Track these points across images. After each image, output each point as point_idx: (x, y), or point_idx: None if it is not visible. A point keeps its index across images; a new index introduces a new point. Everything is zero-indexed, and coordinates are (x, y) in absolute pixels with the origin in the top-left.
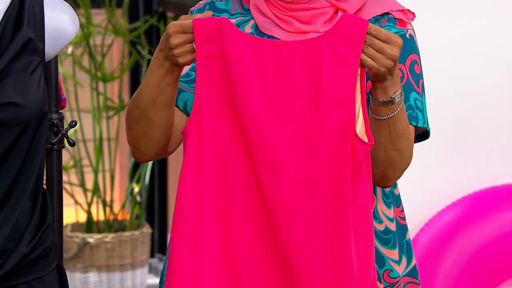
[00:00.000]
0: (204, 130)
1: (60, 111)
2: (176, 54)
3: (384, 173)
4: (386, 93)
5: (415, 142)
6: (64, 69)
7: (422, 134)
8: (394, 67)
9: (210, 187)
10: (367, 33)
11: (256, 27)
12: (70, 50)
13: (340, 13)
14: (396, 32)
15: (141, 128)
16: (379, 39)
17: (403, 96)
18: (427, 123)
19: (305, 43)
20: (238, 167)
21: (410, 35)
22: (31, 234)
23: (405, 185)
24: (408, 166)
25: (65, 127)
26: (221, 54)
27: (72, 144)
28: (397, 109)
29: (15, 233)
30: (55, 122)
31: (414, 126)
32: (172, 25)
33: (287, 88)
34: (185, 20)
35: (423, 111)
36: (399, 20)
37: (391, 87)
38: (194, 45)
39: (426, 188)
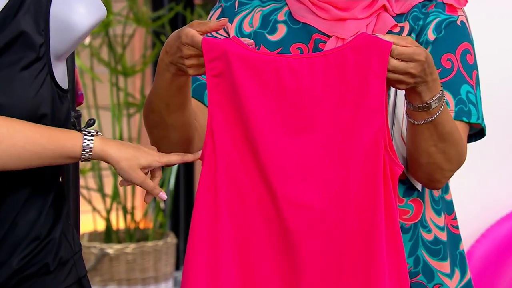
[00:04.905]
0: (218, 152)
1: (77, 108)
2: (188, 65)
3: (431, 176)
4: (420, 98)
5: (470, 141)
6: (81, 61)
7: (479, 132)
8: (425, 75)
9: (225, 214)
10: (390, 55)
11: (289, 14)
12: (87, 41)
13: None
14: (445, 19)
15: (159, 131)
16: (402, 60)
17: (443, 101)
18: (482, 119)
19: (326, 54)
20: (253, 192)
21: (462, 21)
22: (28, 248)
23: (457, 190)
24: (459, 167)
25: (82, 126)
26: (229, 73)
27: None
28: (436, 114)
29: (7, 245)
30: (72, 120)
31: (467, 123)
32: (185, 36)
33: (307, 103)
34: (201, 28)
35: (477, 105)
36: (448, 6)
37: (426, 92)
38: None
39: (482, 194)
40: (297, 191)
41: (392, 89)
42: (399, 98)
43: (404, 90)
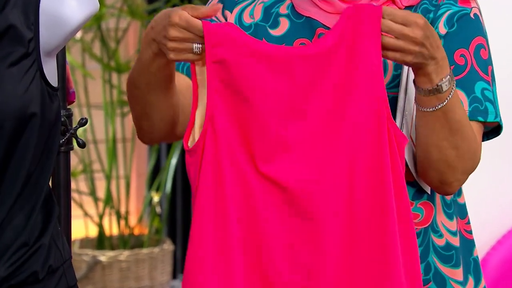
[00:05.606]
0: (220, 143)
1: (68, 107)
2: (170, 48)
3: (442, 177)
4: (430, 81)
5: (484, 139)
6: (72, 57)
7: (492, 130)
8: (430, 45)
9: (232, 205)
10: (382, 18)
11: (292, 7)
12: (79, 35)
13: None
14: (457, 11)
15: (141, 108)
16: (397, 22)
17: (453, 83)
18: (499, 116)
19: (322, 37)
20: (259, 183)
21: (475, 14)
22: (16, 255)
23: (472, 193)
24: (474, 168)
25: (73, 125)
26: (232, 59)
27: (82, 145)
28: (447, 98)
29: None
30: (62, 119)
31: (482, 122)
32: (178, 17)
33: (307, 91)
34: (193, 13)
35: (494, 102)
36: None
37: (436, 73)
38: (193, 46)
39: (498, 197)
40: (302, 177)
41: (402, 88)
42: (408, 101)
43: (414, 90)
